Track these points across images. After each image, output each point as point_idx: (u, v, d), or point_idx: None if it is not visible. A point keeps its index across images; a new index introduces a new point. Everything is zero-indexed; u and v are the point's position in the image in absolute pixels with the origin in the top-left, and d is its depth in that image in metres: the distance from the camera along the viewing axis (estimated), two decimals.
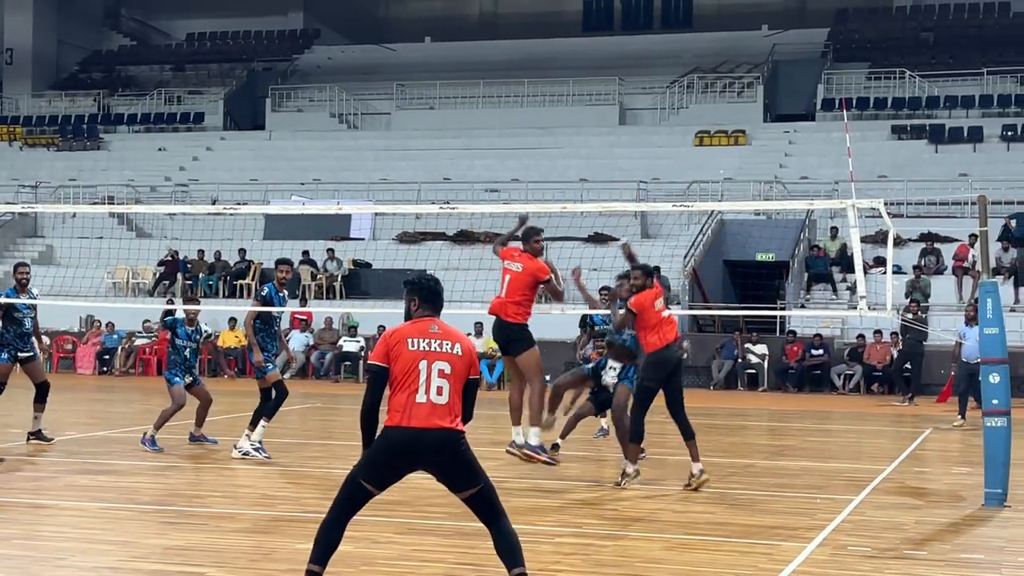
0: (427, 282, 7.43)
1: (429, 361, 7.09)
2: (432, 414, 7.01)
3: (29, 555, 8.77)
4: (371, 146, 44.67)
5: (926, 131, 40.10)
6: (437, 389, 7.04)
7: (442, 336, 7.21)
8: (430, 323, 7.26)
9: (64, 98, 51.32)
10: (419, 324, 7.25)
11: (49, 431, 15.98)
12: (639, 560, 8.99)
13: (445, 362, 7.11)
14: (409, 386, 7.04)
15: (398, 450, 7.04)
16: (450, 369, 7.10)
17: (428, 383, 7.04)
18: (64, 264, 36.08)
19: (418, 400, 7.02)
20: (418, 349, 7.11)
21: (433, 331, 7.21)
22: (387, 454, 7.08)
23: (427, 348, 7.13)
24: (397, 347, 7.13)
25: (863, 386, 28.38)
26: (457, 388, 7.13)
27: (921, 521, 10.92)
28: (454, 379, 7.11)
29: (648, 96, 45.44)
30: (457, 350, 7.17)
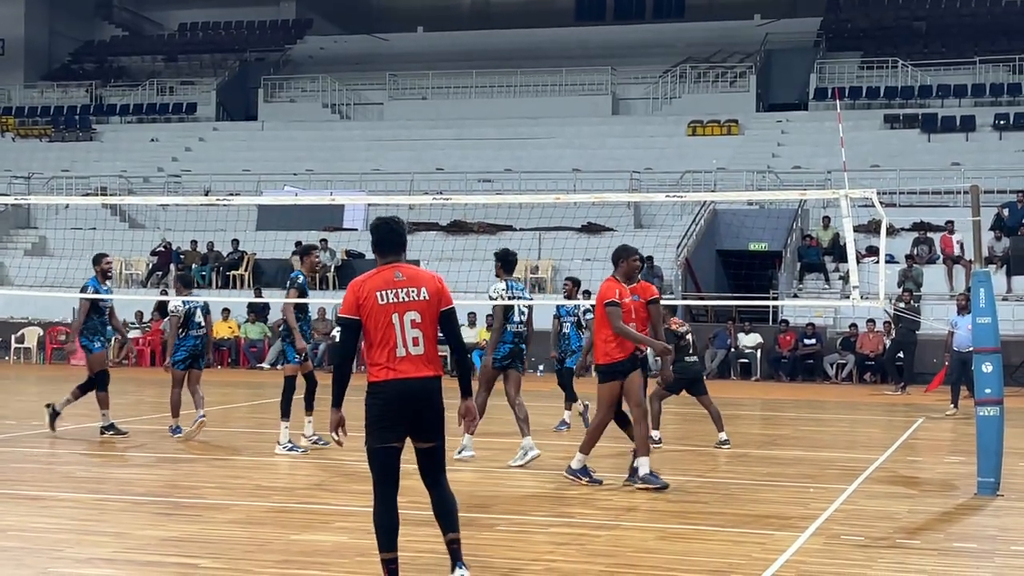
0: (386, 225, 7.55)
1: (400, 313, 7.29)
2: (414, 365, 7.26)
3: (25, 546, 8.78)
4: (364, 136, 44.66)
5: (919, 120, 40.13)
6: (413, 340, 7.27)
7: (408, 283, 7.38)
8: (394, 270, 7.41)
9: (56, 89, 51.24)
10: (384, 272, 7.41)
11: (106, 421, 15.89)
12: (632, 550, 9.02)
13: (415, 311, 7.31)
14: (387, 342, 7.26)
15: (391, 403, 7.24)
16: (420, 318, 7.32)
17: (403, 336, 7.26)
18: (57, 255, 36.00)
19: (399, 355, 7.25)
20: (388, 302, 7.29)
21: (398, 279, 7.37)
22: (381, 410, 7.26)
23: (396, 300, 7.31)
24: (367, 301, 7.31)
25: (856, 375, 28.44)
26: (430, 333, 7.36)
27: (914, 510, 10.95)
28: (426, 326, 7.33)
29: (641, 86, 45.42)
30: (424, 295, 7.37)
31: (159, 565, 8.28)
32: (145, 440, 15.99)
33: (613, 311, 11.47)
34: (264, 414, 20.21)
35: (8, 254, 37.33)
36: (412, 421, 7.30)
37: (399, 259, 7.51)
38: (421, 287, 7.38)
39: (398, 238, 7.53)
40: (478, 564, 8.41)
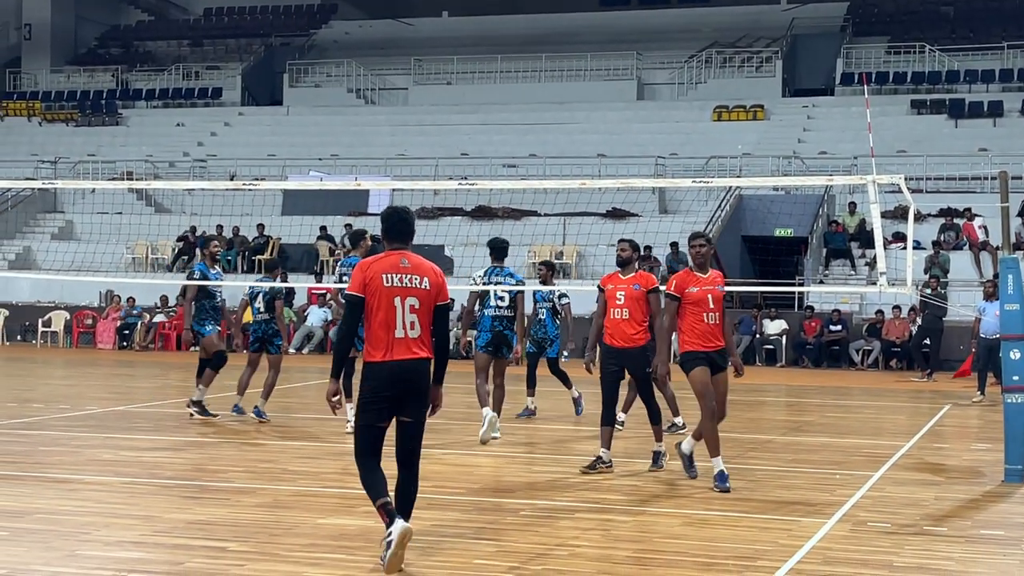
0: (396, 214, 8.07)
1: (402, 298, 7.82)
2: (409, 346, 7.81)
3: (53, 529, 8.83)
4: (388, 121, 44.66)
5: (946, 106, 39.91)
6: (410, 324, 7.82)
7: (412, 271, 7.90)
8: (400, 257, 7.93)
9: (83, 73, 51.41)
10: (391, 257, 7.93)
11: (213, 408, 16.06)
12: (658, 536, 9.02)
13: (415, 297, 7.85)
14: (387, 322, 7.77)
15: (385, 381, 7.76)
16: (419, 304, 7.85)
17: (403, 319, 7.80)
18: (84, 240, 36.22)
19: (397, 336, 7.78)
20: (392, 285, 7.82)
21: (403, 265, 7.90)
22: (373, 393, 7.79)
23: (399, 284, 7.84)
24: (373, 281, 7.82)
25: (882, 362, 28.35)
26: (425, 320, 7.89)
27: (940, 497, 10.92)
28: (423, 312, 7.87)
29: (666, 71, 45.30)
30: (425, 284, 7.90)
31: (187, 548, 8.32)
32: (172, 423, 16.07)
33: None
34: (289, 398, 20.28)
35: (35, 238, 37.51)
36: (400, 398, 7.79)
37: (405, 247, 8.01)
38: (424, 276, 7.91)
39: (407, 227, 8.05)
40: (503, 549, 8.44)
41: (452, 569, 7.83)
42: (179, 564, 7.88)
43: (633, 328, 11.78)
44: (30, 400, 18.29)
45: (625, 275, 11.94)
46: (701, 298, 11.04)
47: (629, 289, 11.81)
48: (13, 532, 8.71)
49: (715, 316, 11.09)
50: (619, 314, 11.80)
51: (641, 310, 11.78)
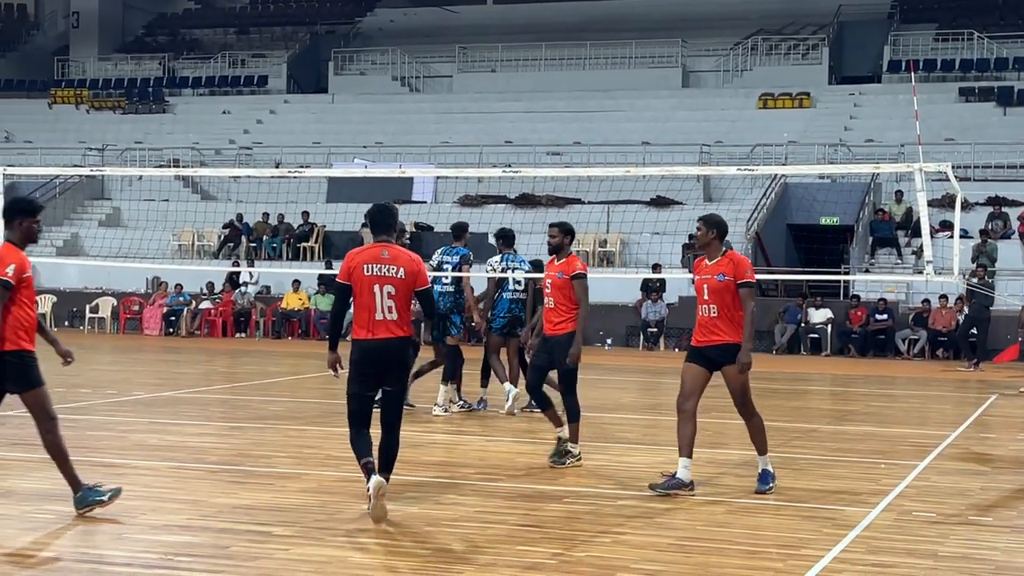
0: (379, 210, 9.16)
1: (380, 285, 8.86)
2: (388, 327, 8.87)
3: (100, 513, 8.92)
4: (433, 109, 44.71)
5: (994, 93, 39.53)
6: (388, 308, 8.86)
7: (390, 261, 8.93)
8: (382, 249, 8.97)
9: (130, 61, 51.75)
10: (374, 249, 9.00)
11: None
12: (702, 524, 9.02)
13: (391, 285, 8.87)
14: (368, 306, 8.86)
15: (366, 358, 8.87)
16: (395, 291, 8.88)
17: (382, 304, 8.85)
18: (130, 226, 36.48)
19: (377, 318, 8.86)
20: (372, 275, 8.88)
21: (383, 256, 8.94)
22: (360, 363, 8.89)
23: (378, 273, 8.89)
24: (355, 271, 8.92)
25: (928, 351, 28.16)
26: (403, 304, 8.92)
27: (986, 487, 10.85)
28: (399, 298, 8.89)
29: (711, 58, 45.11)
30: (401, 274, 8.92)
31: (232, 532, 8.38)
32: (218, 409, 16.20)
33: None
34: (335, 385, 20.38)
35: (82, 225, 37.83)
36: (382, 372, 8.92)
37: (389, 239, 9.04)
38: (400, 267, 8.91)
39: (390, 220, 9.11)
40: (547, 535, 8.46)
41: (496, 555, 7.85)
42: (224, 548, 7.94)
43: (558, 316, 11.37)
44: (77, 385, 18.45)
45: (558, 261, 11.57)
46: (697, 288, 10.22)
47: (554, 277, 11.45)
48: (60, 516, 8.81)
49: (710, 308, 10.05)
50: (547, 302, 11.52)
51: (568, 297, 11.37)
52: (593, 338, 30.10)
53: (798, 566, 7.72)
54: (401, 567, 7.51)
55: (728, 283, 10.03)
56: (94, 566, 7.43)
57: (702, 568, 7.71)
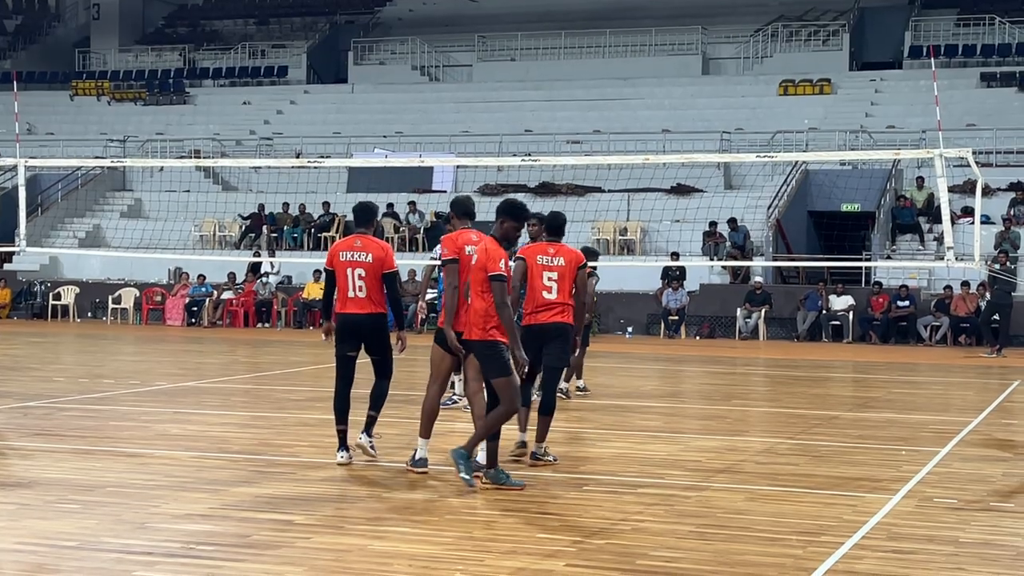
0: (359, 206, 10.94)
1: (352, 268, 10.53)
2: (357, 304, 10.58)
3: (123, 502, 8.97)
4: (453, 98, 44.71)
5: (1016, 78, 39.32)
6: (358, 288, 10.55)
7: (361, 248, 10.59)
8: (356, 239, 10.66)
9: (150, 53, 51.85)
10: (349, 240, 10.71)
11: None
12: (722, 511, 9.02)
13: (361, 268, 10.52)
14: (343, 287, 10.59)
15: (343, 328, 10.69)
16: (364, 273, 10.53)
17: (353, 284, 10.54)
18: (152, 217, 36.61)
19: (349, 295, 10.57)
20: (345, 260, 10.58)
21: (356, 245, 10.61)
22: (340, 331, 10.74)
23: (350, 259, 10.56)
24: (334, 258, 10.67)
25: (950, 338, 28.07)
26: (373, 284, 10.53)
27: (1008, 473, 10.83)
28: (369, 279, 10.52)
29: (732, 45, 44.97)
30: (369, 259, 10.54)
31: (254, 521, 8.42)
32: (240, 399, 16.26)
33: None
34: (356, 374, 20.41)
35: (104, 216, 37.97)
36: (363, 342, 10.69)
37: (366, 231, 10.71)
38: (369, 253, 10.54)
39: (367, 215, 10.83)
40: (566, 523, 8.47)
41: (516, 543, 7.87)
42: (246, 536, 7.98)
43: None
44: (101, 376, 18.56)
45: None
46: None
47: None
48: (84, 505, 8.87)
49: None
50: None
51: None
52: (614, 326, 30.11)
53: (818, 553, 7.71)
54: (421, 555, 7.53)
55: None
56: (117, 555, 7.48)
57: (722, 555, 7.72)
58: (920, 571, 7.35)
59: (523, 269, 10.57)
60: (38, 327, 31.03)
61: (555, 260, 10.70)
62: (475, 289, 9.59)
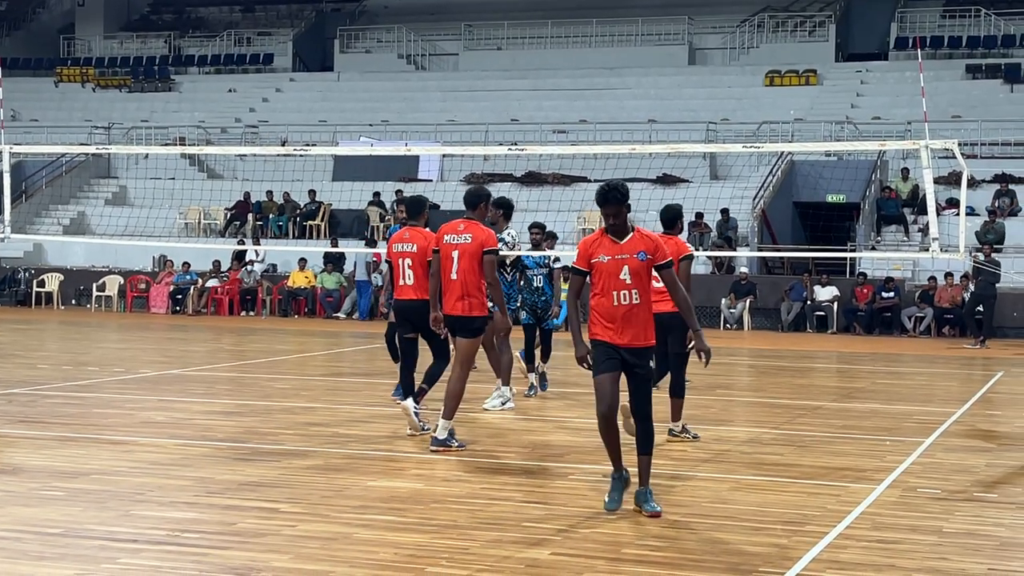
0: (409, 200, 12.08)
1: (403, 258, 11.62)
2: (407, 291, 11.60)
3: (108, 490, 8.97)
4: (439, 87, 44.65)
5: (1001, 70, 39.40)
6: (408, 276, 11.57)
7: (410, 240, 11.64)
8: (407, 231, 11.73)
9: (135, 39, 51.65)
10: (401, 232, 11.82)
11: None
12: (707, 500, 9.05)
13: (409, 258, 11.58)
14: (396, 275, 11.69)
15: (398, 313, 11.81)
16: (412, 262, 11.54)
17: (403, 272, 11.61)
18: (137, 205, 36.51)
19: (401, 283, 11.64)
20: (398, 251, 11.66)
21: (406, 237, 11.70)
22: (396, 317, 11.94)
23: (401, 250, 11.65)
24: (389, 249, 11.85)
25: (934, 329, 28.14)
26: (419, 273, 11.46)
27: (992, 464, 10.87)
28: (416, 268, 11.51)
29: (718, 35, 44.97)
30: (414, 248, 11.55)
31: (239, 509, 8.42)
32: (225, 387, 16.24)
33: None
34: (340, 363, 20.44)
35: (89, 203, 37.86)
36: (415, 325, 11.56)
37: (416, 223, 11.69)
38: (415, 243, 11.55)
39: (417, 208, 11.77)
40: (552, 512, 8.48)
41: (502, 531, 7.88)
42: (231, 524, 7.98)
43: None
44: (85, 363, 18.51)
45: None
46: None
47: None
48: (69, 492, 8.85)
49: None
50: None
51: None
52: None
53: (803, 542, 7.74)
54: (407, 543, 7.54)
55: None
56: (102, 542, 7.47)
57: (707, 544, 7.74)
58: (904, 560, 7.38)
59: None
60: (22, 314, 30.94)
61: None
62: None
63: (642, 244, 8.56)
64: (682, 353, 11.44)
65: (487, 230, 11.13)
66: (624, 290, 8.47)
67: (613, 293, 8.46)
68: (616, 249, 8.54)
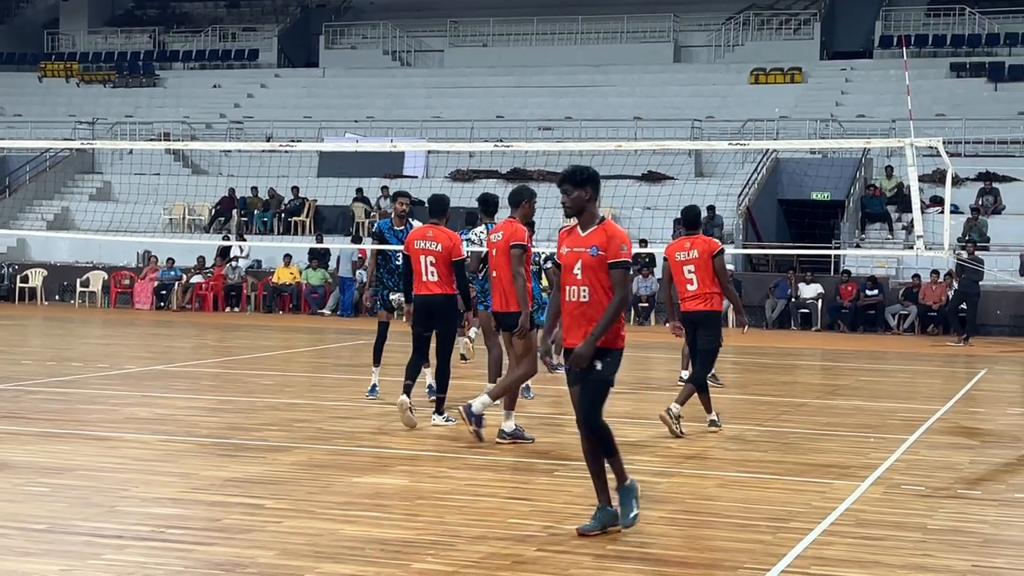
0: (432, 198, 12.35)
1: (424, 255, 11.90)
2: (428, 286, 11.90)
3: (92, 485, 8.95)
4: (424, 83, 44.59)
5: (985, 69, 39.51)
6: (429, 272, 11.89)
7: (432, 238, 11.93)
8: (429, 229, 12.04)
9: (120, 35, 51.48)
10: (423, 229, 12.12)
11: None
12: (692, 496, 9.06)
13: (431, 256, 11.88)
14: (418, 271, 11.93)
15: (418, 308, 12.04)
16: (434, 260, 11.88)
17: (425, 269, 11.90)
18: (121, 200, 36.42)
19: (423, 279, 11.92)
20: (418, 248, 11.95)
21: (428, 235, 11.98)
22: (415, 311, 12.11)
23: (422, 247, 11.92)
24: (410, 245, 12.07)
25: (918, 326, 28.22)
26: (442, 269, 11.85)
27: (975, 461, 10.91)
28: (439, 264, 11.85)
29: (703, 33, 45.00)
30: (438, 247, 11.86)
31: (224, 505, 8.41)
32: (209, 383, 16.21)
33: None
34: (325, 359, 20.42)
35: (73, 199, 37.74)
36: (429, 318, 11.94)
37: (438, 221, 12.05)
38: (438, 242, 11.86)
39: (440, 207, 12.17)
40: (537, 509, 8.49)
41: (487, 527, 7.88)
42: (216, 520, 7.97)
43: None
44: (69, 359, 18.47)
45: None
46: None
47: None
48: (54, 488, 8.83)
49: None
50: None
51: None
52: None
53: (787, 539, 7.76)
54: (392, 539, 7.54)
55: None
56: (87, 538, 7.45)
57: (692, 541, 7.76)
58: (888, 557, 7.40)
59: (666, 269, 12.19)
60: (5, 310, 30.84)
61: (691, 253, 12.07)
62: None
63: (596, 239, 7.88)
64: (709, 349, 12.11)
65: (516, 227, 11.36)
66: (574, 285, 7.85)
67: (566, 288, 7.90)
68: (577, 242, 7.94)
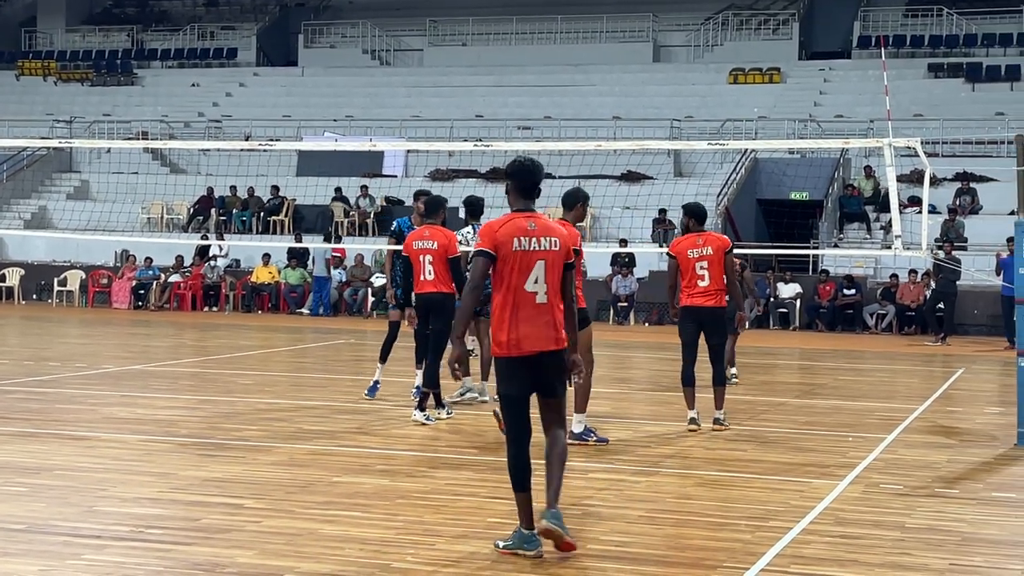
0: (428, 199, 12.60)
1: (423, 255, 12.25)
2: (427, 285, 12.28)
3: (71, 485, 8.92)
4: (403, 83, 44.55)
5: (963, 69, 39.67)
6: (428, 271, 12.23)
7: (429, 237, 12.25)
8: (426, 229, 12.34)
9: (98, 33, 51.30)
10: (420, 230, 12.38)
11: None
12: (671, 496, 9.08)
13: (429, 255, 12.23)
14: (418, 271, 12.28)
15: (418, 307, 12.49)
16: (432, 259, 12.21)
17: (424, 268, 12.26)
18: (99, 199, 36.28)
19: (421, 279, 12.28)
20: (417, 248, 12.21)
21: (425, 235, 12.28)
22: (416, 310, 12.54)
23: (421, 247, 12.25)
24: (408, 247, 12.37)
25: (895, 326, 28.31)
26: (439, 267, 12.19)
27: (953, 460, 10.96)
28: (436, 263, 12.20)
29: (682, 33, 45.08)
30: (435, 246, 12.20)
31: (203, 505, 8.39)
32: (188, 383, 16.17)
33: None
34: (305, 358, 20.39)
35: (50, 198, 37.58)
36: (428, 315, 12.30)
37: (434, 221, 12.38)
38: (435, 241, 12.20)
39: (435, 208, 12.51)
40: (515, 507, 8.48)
41: (466, 527, 7.89)
42: (196, 520, 7.96)
43: None
44: (46, 358, 18.39)
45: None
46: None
47: None
48: (32, 488, 8.80)
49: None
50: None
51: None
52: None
53: (766, 538, 7.78)
54: (372, 539, 7.54)
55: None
56: (66, 539, 7.43)
57: (671, 540, 7.77)
58: (867, 556, 7.44)
59: (673, 266, 12.18)
60: None
61: (704, 250, 12.10)
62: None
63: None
64: (722, 343, 12.40)
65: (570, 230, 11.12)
66: None
67: None
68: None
